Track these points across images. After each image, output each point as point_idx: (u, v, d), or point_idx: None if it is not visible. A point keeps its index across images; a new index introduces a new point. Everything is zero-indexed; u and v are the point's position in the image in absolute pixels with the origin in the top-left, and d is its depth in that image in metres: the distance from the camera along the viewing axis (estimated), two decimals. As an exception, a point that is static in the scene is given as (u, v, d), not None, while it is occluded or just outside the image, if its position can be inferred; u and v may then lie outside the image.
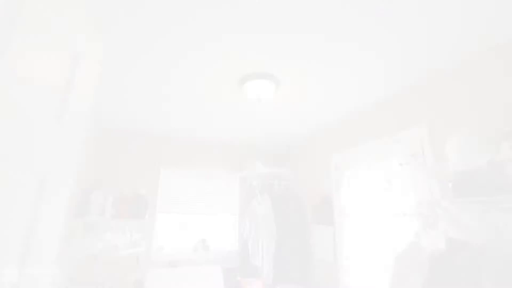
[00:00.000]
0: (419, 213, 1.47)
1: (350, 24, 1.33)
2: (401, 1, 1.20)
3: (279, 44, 1.49)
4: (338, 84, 1.93)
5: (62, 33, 0.60)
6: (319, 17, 1.29)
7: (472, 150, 1.29)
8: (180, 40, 1.46)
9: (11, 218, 0.47)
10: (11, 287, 0.48)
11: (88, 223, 2.34)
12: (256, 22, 1.33)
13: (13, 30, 0.47)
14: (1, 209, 0.45)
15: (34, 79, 0.52)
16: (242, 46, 1.51)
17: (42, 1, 0.54)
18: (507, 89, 1.40)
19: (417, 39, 1.44)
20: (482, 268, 0.96)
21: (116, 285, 2.52)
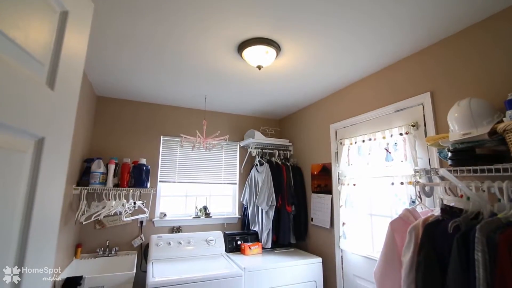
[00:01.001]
0: (416, 182, 1.50)
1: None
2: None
3: (280, 7, 1.40)
4: (340, 51, 1.86)
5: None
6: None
7: (474, 118, 1.27)
8: (176, 4, 1.36)
9: (10, 186, 0.47)
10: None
11: (91, 192, 2.39)
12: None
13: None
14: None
15: (20, 39, 0.48)
16: (241, 8, 1.42)
17: None
18: (517, 55, 1.35)
19: (421, 1, 1.35)
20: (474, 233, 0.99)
21: (122, 248, 2.65)
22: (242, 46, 1.78)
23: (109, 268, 2.38)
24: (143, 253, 2.70)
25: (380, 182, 2.01)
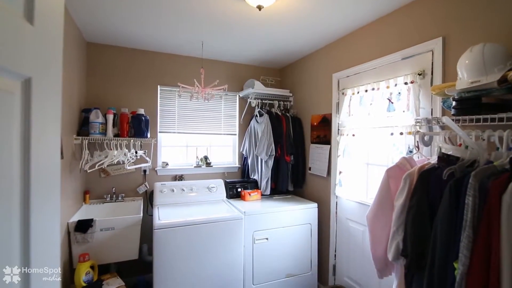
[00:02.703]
0: (417, 131, 1.50)
1: None
2: None
3: None
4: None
5: None
6: None
7: (486, 65, 1.20)
8: None
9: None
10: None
11: (92, 142, 2.40)
12: None
13: None
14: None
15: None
16: None
17: None
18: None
19: None
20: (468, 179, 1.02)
21: (128, 195, 2.78)
22: (241, -19, 1.60)
23: (118, 212, 2.53)
24: (149, 199, 2.84)
25: (380, 132, 2.02)
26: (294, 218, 2.52)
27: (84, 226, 2.04)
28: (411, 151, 1.75)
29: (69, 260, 2.07)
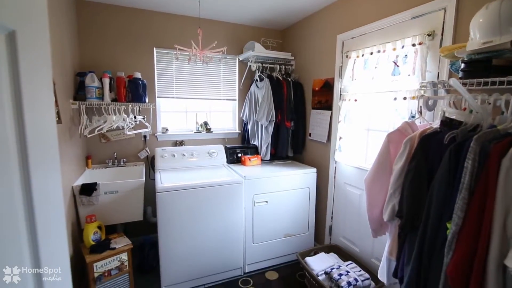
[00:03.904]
0: (421, 95, 1.46)
1: None
2: None
3: None
4: None
5: None
6: None
7: (502, 24, 1.13)
8: None
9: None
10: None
11: (90, 107, 2.36)
12: None
13: None
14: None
15: None
16: None
17: None
18: None
19: None
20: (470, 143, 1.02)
21: (129, 160, 2.82)
22: None
23: (120, 177, 2.58)
24: (150, 164, 2.89)
25: (383, 97, 1.97)
26: (293, 182, 2.58)
27: (88, 189, 2.09)
28: (413, 116, 1.73)
29: (77, 221, 2.16)
